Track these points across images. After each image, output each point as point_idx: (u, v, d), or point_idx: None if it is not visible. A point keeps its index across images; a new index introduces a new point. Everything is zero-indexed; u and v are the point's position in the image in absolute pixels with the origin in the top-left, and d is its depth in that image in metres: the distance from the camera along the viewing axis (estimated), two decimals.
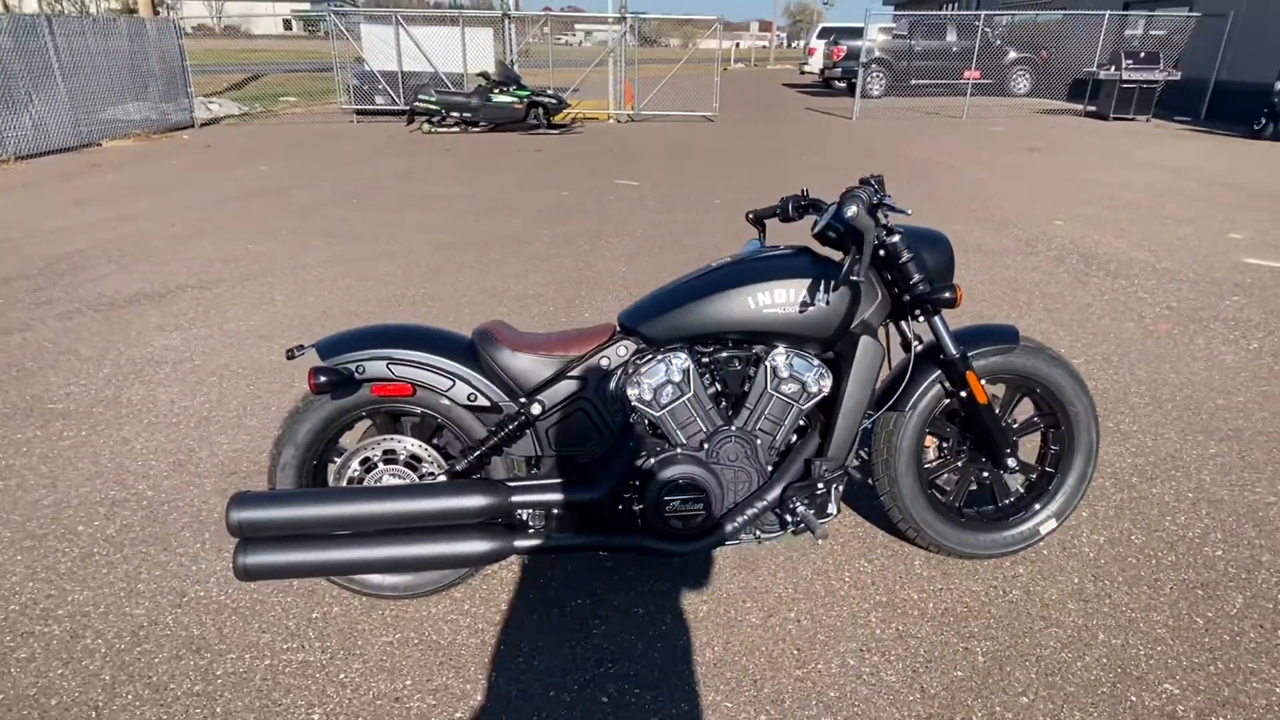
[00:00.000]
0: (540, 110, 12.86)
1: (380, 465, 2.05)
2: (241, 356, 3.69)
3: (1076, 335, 4.02)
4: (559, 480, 1.97)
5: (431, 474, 2.05)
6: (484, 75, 13.10)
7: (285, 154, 10.30)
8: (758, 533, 2.10)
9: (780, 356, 2.01)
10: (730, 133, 12.46)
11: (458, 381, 1.98)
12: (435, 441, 2.11)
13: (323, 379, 1.86)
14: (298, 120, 14.74)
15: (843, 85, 20.58)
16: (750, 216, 2.42)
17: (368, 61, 14.81)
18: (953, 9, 27.97)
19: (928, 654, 1.94)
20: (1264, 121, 11.82)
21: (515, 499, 1.93)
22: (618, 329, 2.09)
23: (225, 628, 2.03)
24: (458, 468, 2.02)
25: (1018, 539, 2.26)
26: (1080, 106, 15.94)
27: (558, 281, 4.88)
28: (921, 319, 2.07)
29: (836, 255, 2.08)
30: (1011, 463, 2.20)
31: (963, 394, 2.12)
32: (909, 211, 2.01)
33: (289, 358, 1.95)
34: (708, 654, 1.96)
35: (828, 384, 2.03)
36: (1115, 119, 14.35)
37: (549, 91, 13.12)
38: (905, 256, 1.99)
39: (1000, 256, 5.50)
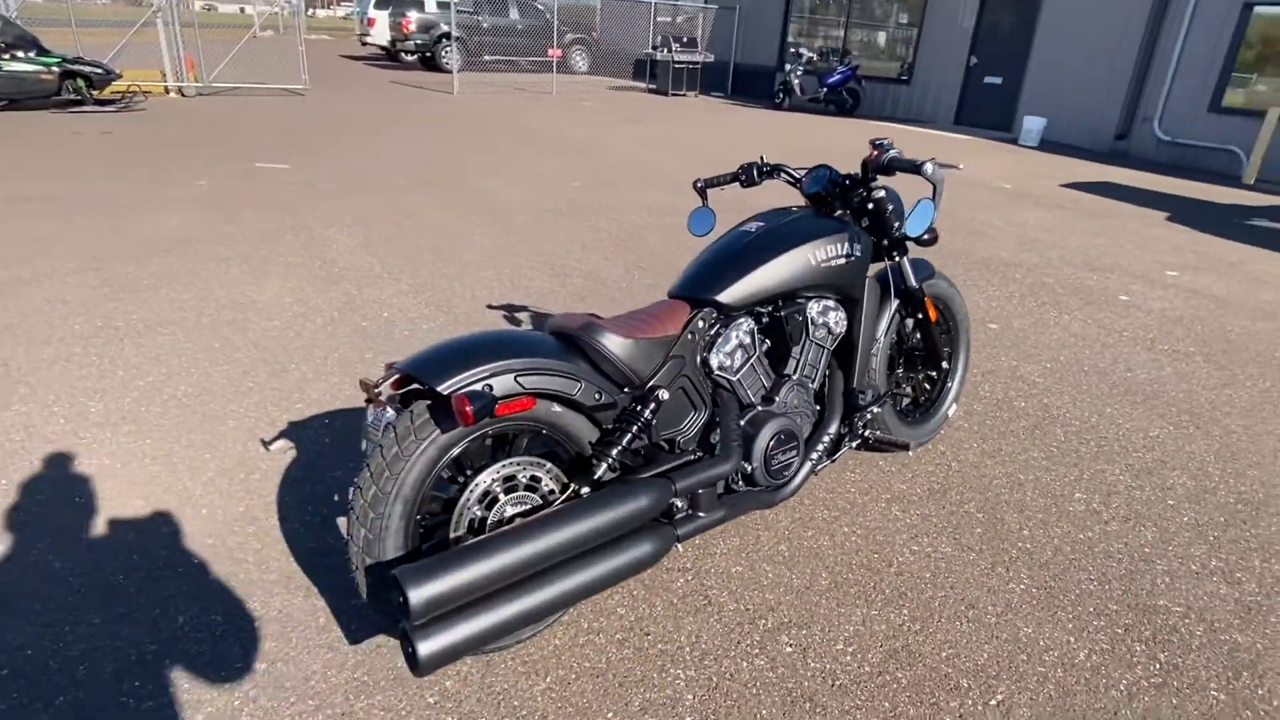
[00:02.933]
0: (82, 82, 10.22)
1: (501, 496, 1.77)
2: None
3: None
4: (703, 461, 1.95)
5: (551, 491, 1.84)
6: None
7: None
8: (828, 459, 2.36)
9: (816, 306, 2.27)
10: (338, 109, 11.50)
11: (581, 382, 1.81)
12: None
13: (478, 405, 1.55)
14: None
15: (412, 59, 20.23)
16: (699, 185, 2.57)
17: None
18: None
19: (942, 521, 2.44)
20: (781, 96, 15.14)
21: (678, 488, 1.86)
22: (686, 302, 2.10)
23: None
24: (598, 474, 1.84)
25: (939, 423, 2.89)
26: (644, 84, 18.32)
27: (319, 290, 4.23)
28: (896, 258, 2.50)
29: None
30: (945, 365, 2.81)
31: (919, 316, 2.63)
32: (961, 166, 2.40)
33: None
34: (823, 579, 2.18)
35: (844, 325, 2.35)
36: (673, 95, 16.89)
37: (85, 59, 10.47)
38: (890, 208, 2.39)
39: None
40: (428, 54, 19.13)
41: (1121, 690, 1.82)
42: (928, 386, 2.91)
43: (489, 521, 1.75)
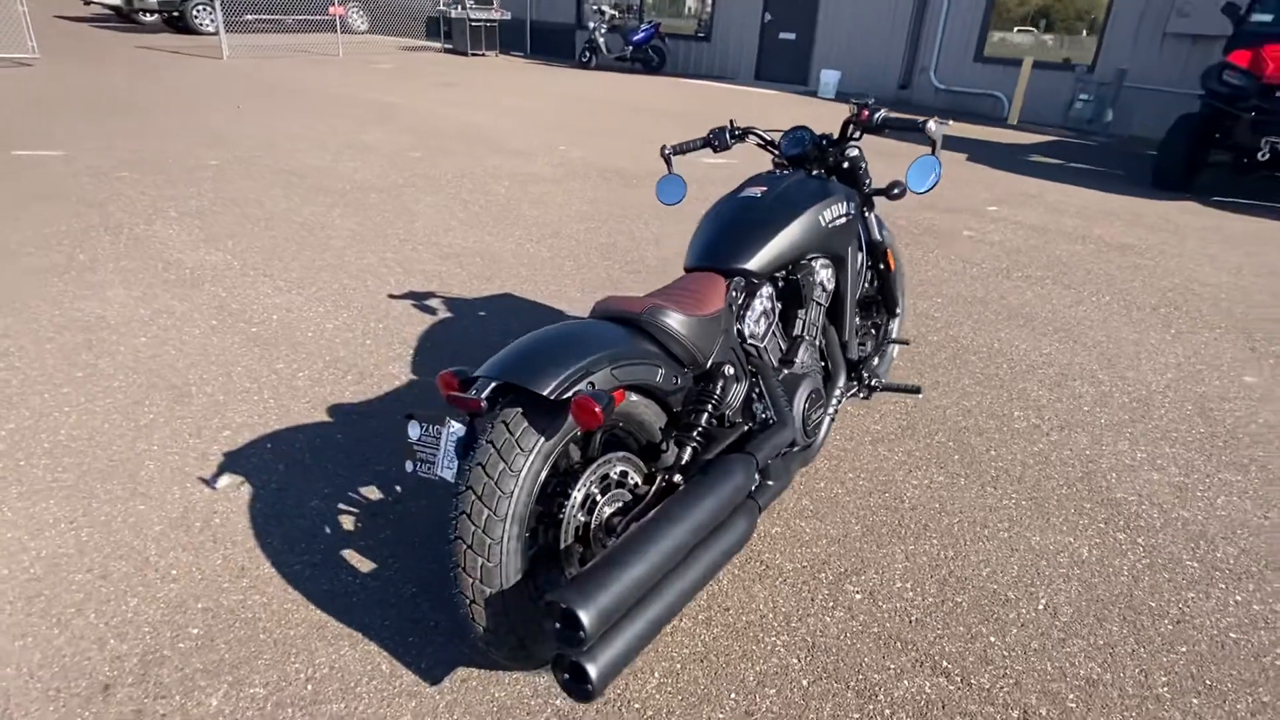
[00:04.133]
0: None
1: (599, 498, 1.66)
2: None
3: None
4: (769, 429, 1.94)
5: (636, 484, 1.76)
6: None
7: None
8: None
9: (817, 265, 2.33)
10: (89, 81, 9.78)
11: (662, 368, 1.72)
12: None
13: (603, 404, 1.43)
14: None
15: (153, 19, 17.62)
16: (667, 151, 2.52)
17: None
18: None
19: (924, 454, 2.65)
20: (588, 55, 15.01)
21: (759, 460, 1.83)
22: (715, 273, 2.06)
23: None
24: (683, 460, 1.77)
25: (889, 364, 3.10)
26: (438, 44, 17.31)
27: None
28: (866, 213, 2.61)
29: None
30: (899, 309, 2.99)
31: (881, 266, 2.78)
32: (950, 122, 2.46)
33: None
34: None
35: (834, 282, 2.44)
36: (473, 54, 16.17)
37: None
38: (862, 166, 2.48)
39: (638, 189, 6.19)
40: (174, 14, 16.75)
41: (1127, 575, 2.10)
42: (874, 331, 3.10)
43: (592, 526, 1.64)
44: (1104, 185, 7.11)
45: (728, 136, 2.50)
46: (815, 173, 2.42)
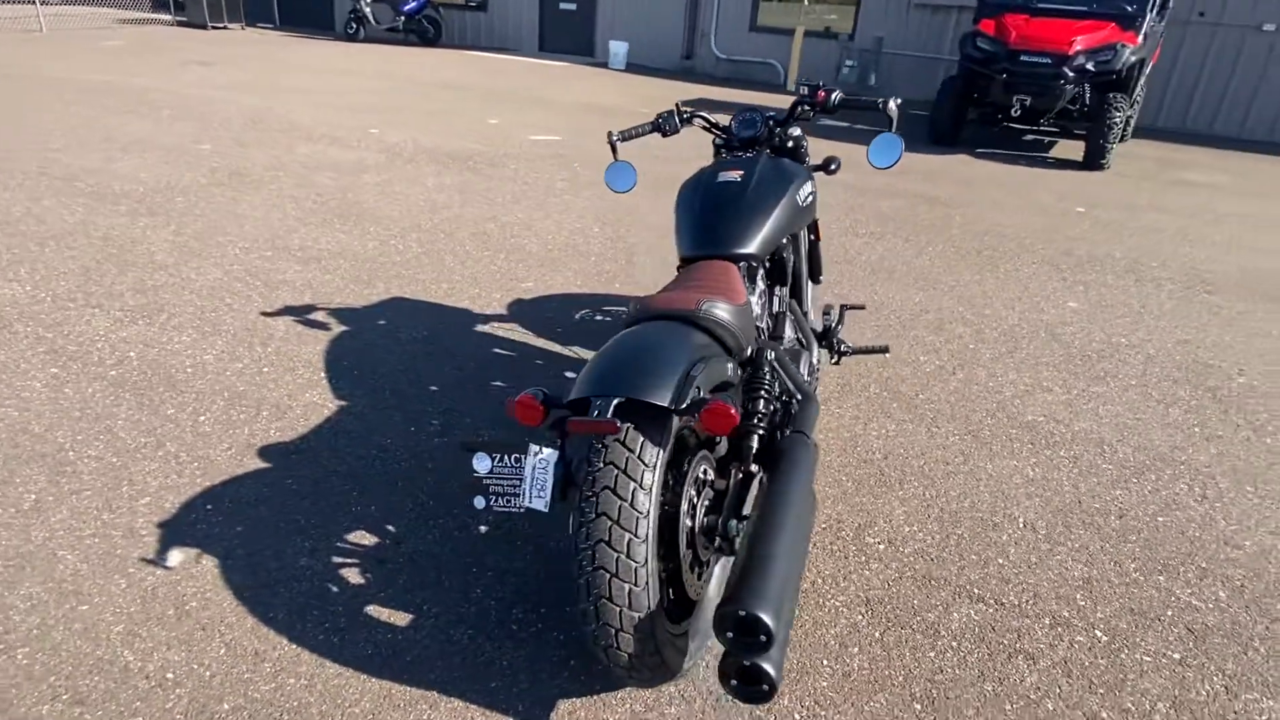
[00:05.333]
0: None
1: (695, 500, 1.63)
2: None
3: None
4: (803, 406, 1.97)
5: (713, 480, 1.74)
6: None
7: None
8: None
9: (789, 243, 2.42)
10: None
11: (729, 360, 1.71)
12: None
13: (736, 407, 1.41)
14: None
15: None
16: (614, 138, 2.48)
17: None
18: None
19: (871, 406, 2.89)
20: (355, 26, 13.89)
21: (810, 437, 1.87)
22: (722, 260, 2.06)
23: None
24: (754, 448, 1.76)
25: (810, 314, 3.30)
26: (168, 16, 15.06)
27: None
28: None
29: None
30: (820, 277, 3.17)
31: (812, 236, 2.93)
32: (899, 100, 2.50)
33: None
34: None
35: (793, 258, 2.55)
36: (214, 27, 14.30)
37: None
38: (804, 144, 2.60)
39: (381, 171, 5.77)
40: None
41: (1068, 486, 2.46)
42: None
43: (695, 530, 1.60)
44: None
45: (677, 120, 2.49)
46: (766, 153, 2.50)
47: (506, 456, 1.56)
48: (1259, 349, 3.54)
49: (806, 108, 2.44)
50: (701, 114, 2.53)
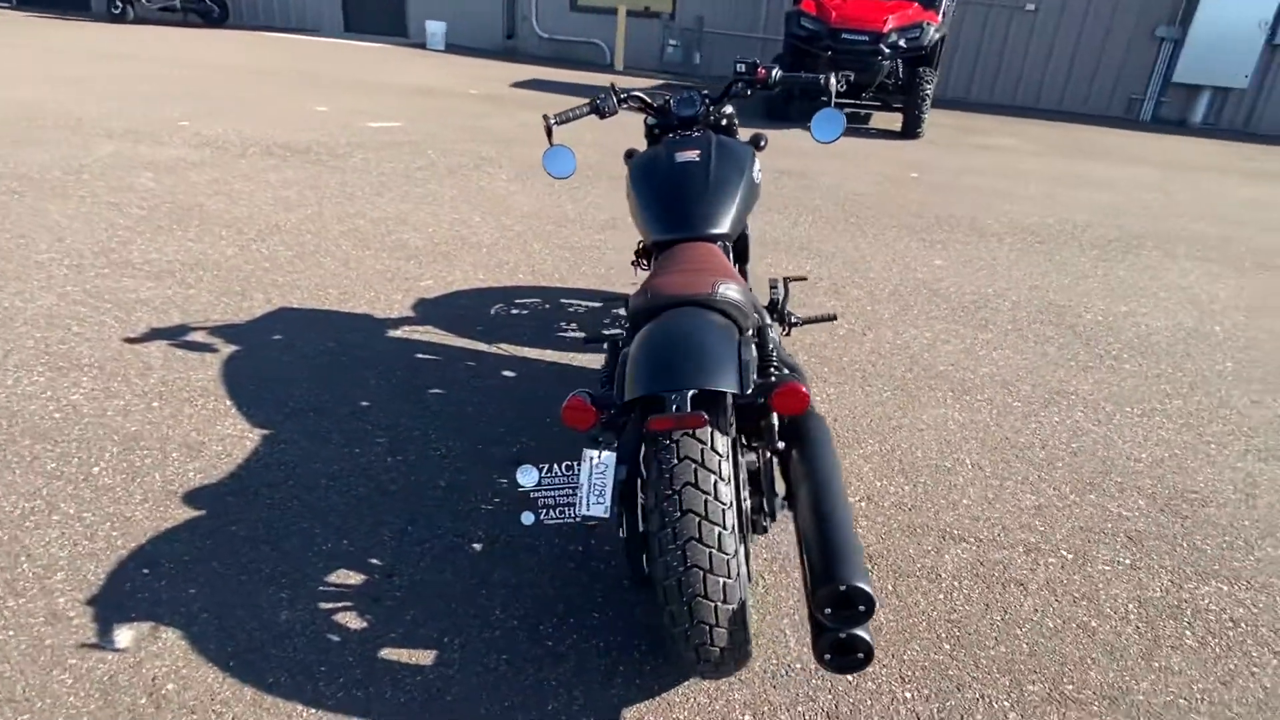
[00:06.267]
0: None
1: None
2: None
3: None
4: (791, 377, 2.00)
5: (749, 463, 1.73)
6: None
7: None
8: None
9: None
10: None
11: (750, 342, 1.70)
12: None
13: (806, 389, 1.41)
14: None
15: None
16: (551, 122, 2.38)
17: None
18: None
19: (827, 370, 3.02)
20: (121, 6, 12.17)
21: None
22: (703, 240, 2.04)
23: None
24: (776, 426, 1.75)
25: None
26: None
27: None
28: None
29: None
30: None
31: None
32: (839, 78, 2.51)
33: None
34: None
35: None
36: None
37: None
38: (736, 122, 2.62)
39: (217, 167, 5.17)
40: None
41: (994, 425, 2.71)
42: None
43: (746, 510, 1.58)
44: None
45: (614, 101, 2.43)
46: (701, 133, 2.49)
47: (556, 466, 1.46)
48: (1088, 289, 4.08)
49: (743, 85, 2.46)
50: (636, 93, 2.48)
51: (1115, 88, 10.37)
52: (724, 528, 1.35)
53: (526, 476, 1.46)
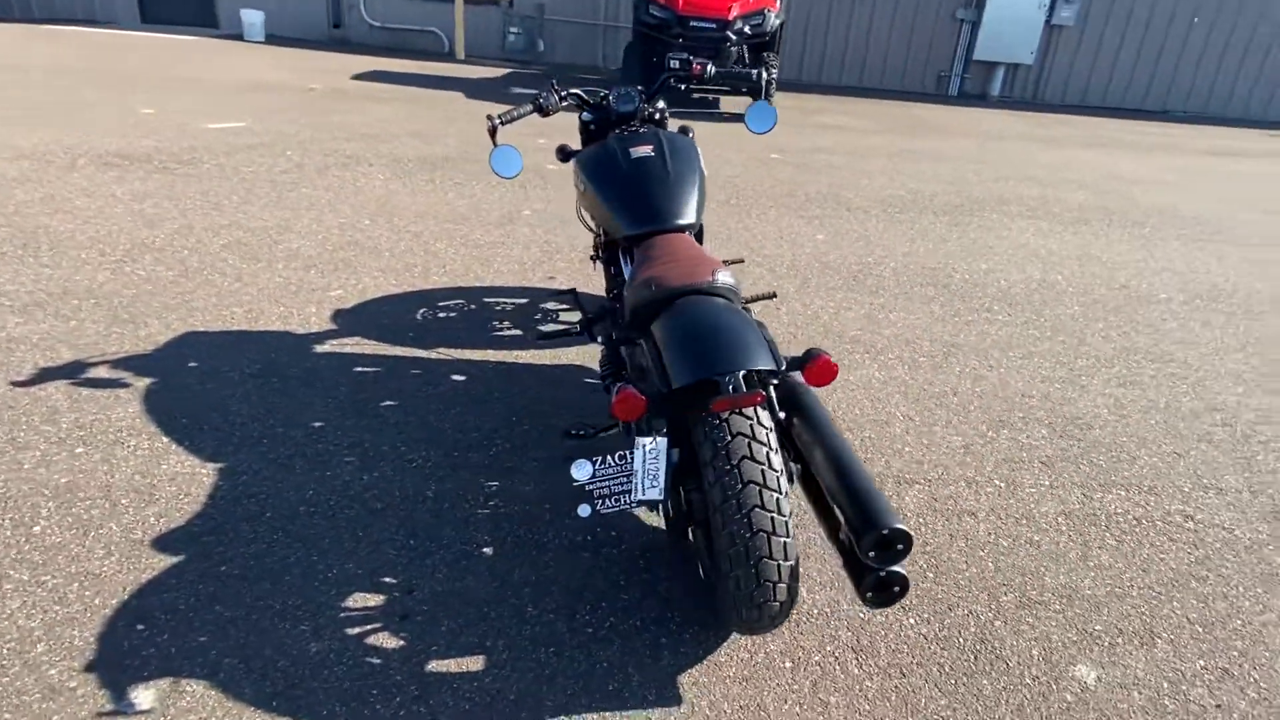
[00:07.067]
0: None
1: None
2: None
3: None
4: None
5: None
6: None
7: None
8: None
9: None
10: None
11: None
12: None
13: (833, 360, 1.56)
14: None
15: None
16: (496, 122, 2.39)
17: None
18: None
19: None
20: None
21: None
22: (673, 231, 2.13)
23: None
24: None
25: None
26: None
27: None
28: None
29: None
30: None
31: None
32: (771, 73, 2.63)
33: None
34: None
35: None
36: None
37: None
38: (667, 114, 2.72)
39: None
40: None
41: (910, 381, 3.03)
42: None
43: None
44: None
45: (556, 98, 2.46)
46: (647, 128, 2.58)
47: (610, 456, 1.53)
48: (950, 251, 4.58)
49: (677, 80, 2.57)
50: (574, 90, 2.53)
51: (926, 66, 11.46)
52: (780, 493, 1.48)
53: (581, 471, 1.52)
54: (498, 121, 2.36)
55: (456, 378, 2.81)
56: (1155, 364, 3.32)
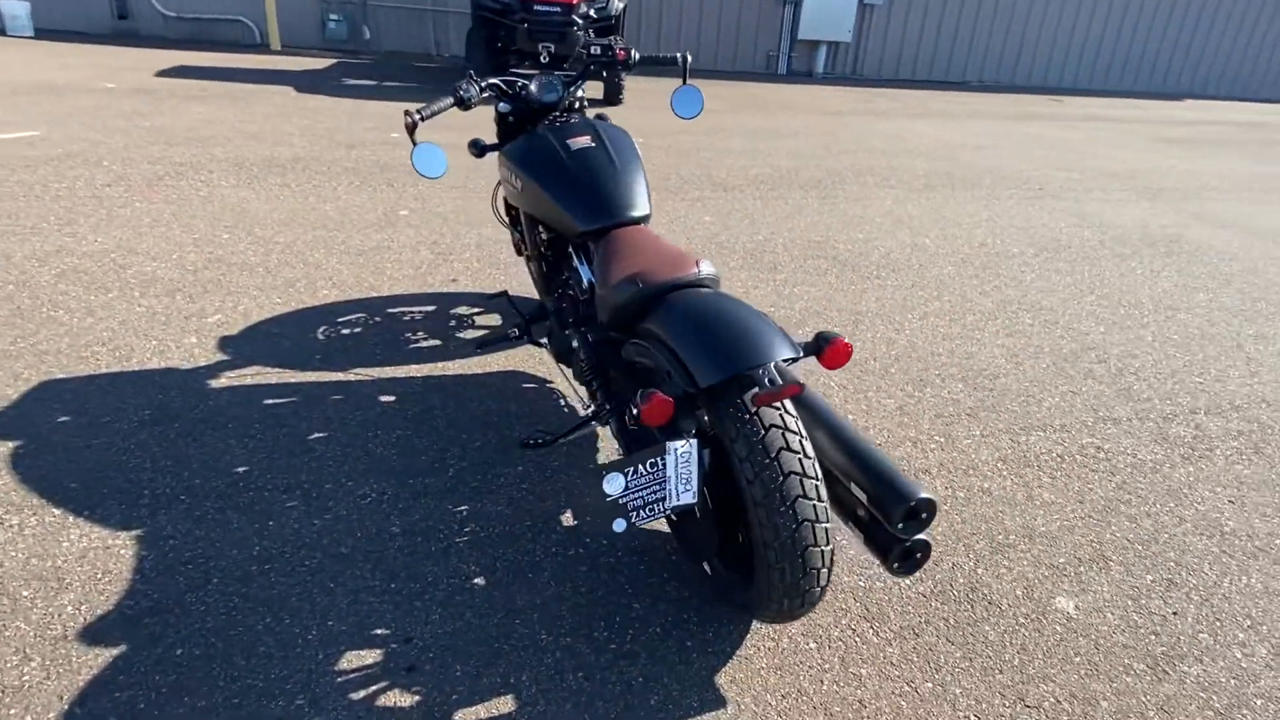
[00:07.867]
0: None
1: None
2: None
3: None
4: None
5: None
6: None
7: None
8: None
9: None
10: None
11: None
12: None
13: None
14: None
15: None
16: (416, 118, 2.23)
17: None
18: None
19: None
20: None
21: None
22: (629, 224, 2.07)
23: None
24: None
25: None
26: None
27: None
28: None
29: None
30: None
31: None
32: (690, 58, 2.54)
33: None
34: None
35: None
36: None
37: None
38: (587, 103, 2.63)
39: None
40: None
41: (869, 356, 3.14)
42: None
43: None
44: (425, 97, 7.93)
45: (476, 90, 2.30)
46: (579, 118, 2.48)
47: (640, 466, 1.47)
48: (829, 224, 4.81)
49: (600, 66, 2.49)
50: (493, 80, 2.38)
51: (756, 46, 11.91)
52: (818, 479, 1.48)
53: (613, 485, 1.44)
54: (417, 117, 2.18)
55: (385, 398, 2.59)
56: (1029, 313, 3.67)
